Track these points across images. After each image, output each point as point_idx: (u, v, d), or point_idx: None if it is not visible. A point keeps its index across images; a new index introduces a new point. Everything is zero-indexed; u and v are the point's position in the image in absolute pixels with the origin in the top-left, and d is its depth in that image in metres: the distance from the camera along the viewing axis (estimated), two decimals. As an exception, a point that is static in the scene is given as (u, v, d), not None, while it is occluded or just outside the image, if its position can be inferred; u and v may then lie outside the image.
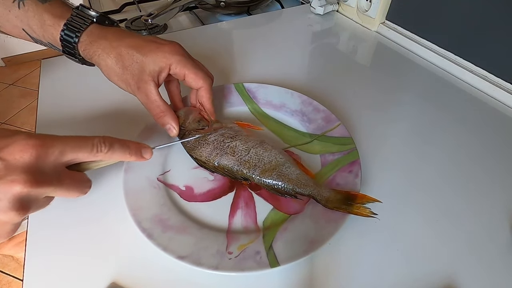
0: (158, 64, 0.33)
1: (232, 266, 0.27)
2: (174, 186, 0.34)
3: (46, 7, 0.34)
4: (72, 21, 0.34)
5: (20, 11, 0.34)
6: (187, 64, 0.34)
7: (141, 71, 0.33)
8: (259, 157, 0.33)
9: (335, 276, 0.28)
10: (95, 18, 0.35)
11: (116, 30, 0.35)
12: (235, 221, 0.31)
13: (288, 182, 0.32)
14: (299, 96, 0.43)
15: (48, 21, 0.34)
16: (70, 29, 0.34)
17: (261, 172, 0.32)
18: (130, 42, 0.34)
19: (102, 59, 0.34)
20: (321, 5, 0.65)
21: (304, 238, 0.29)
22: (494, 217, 0.33)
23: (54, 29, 0.34)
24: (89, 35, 0.34)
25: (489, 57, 0.47)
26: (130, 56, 0.33)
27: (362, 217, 0.29)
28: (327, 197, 0.31)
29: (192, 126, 0.36)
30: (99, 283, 0.28)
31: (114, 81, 0.35)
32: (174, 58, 0.34)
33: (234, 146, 0.34)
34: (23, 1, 0.34)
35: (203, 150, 0.34)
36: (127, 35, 0.35)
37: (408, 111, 0.45)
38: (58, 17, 0.34)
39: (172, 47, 0.34)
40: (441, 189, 0.35)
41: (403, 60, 0.55)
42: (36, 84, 0.76)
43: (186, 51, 0.36)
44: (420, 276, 0.28)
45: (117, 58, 0.33)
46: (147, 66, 0.33)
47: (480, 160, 0.38)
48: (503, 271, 0.29)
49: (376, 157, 0.38)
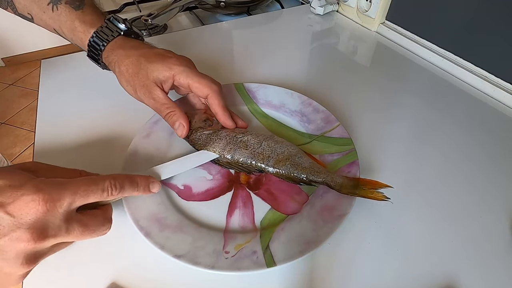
0: (162, 73, 0.35)
1: (228, 265, 0.27)
2: (172, 185, 0.34)
3: (79, 14, 0.37)
4: (102, 31, 0.37)
5: (53, 13, 0.37)
6: (190, 74, 0.35)
7: (146, 77, 0.35)
8: (272, 148, 0.34)
9: (335, 276, 0.28)
10: (123, 31, 0.38)
11: (136, 42, 0.38)
12: (233, 221, 0.31)
13: (302, 171, 0.33)
14: (299, 96, 0.43)
15: (79, 28, 0.37)
16: (99, 38, 0.37)
17: (275, 163, 0.33)
18: (142, 52, 0.36)
19: (117, 66, 0.36)
20: (321, 5, 0.65)
21: (301, 238, 0.28)
22: (494, 217, 0.32)
23: (83, 35, 0.37)
24: (112, 44, 0.37)
25: (489, 57, 0.47)
26: (138, 63, 0.35)
27: (376, 200, 0.30)
28: (341, 183, 0.31)
29: (198, 125, 0.37)
30: (99, 283, 0.27)
31: (124, 86, 0.37)
32: (177, 68, 0.35)
33: (247, 140, 0.35)
34: (56, 5, 0.37)
35: (215, 146, 0.35)
36: (143, 46, 0.37)
37: (408, 111, 0.45)
38: (89, 25, 0.37)
39: (177, 59, 0.36)
40: (441, 189, 0.35)
41: (403, 60, 0.55)
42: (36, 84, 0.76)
43: (193, 63, 0.37)
44: (420, 276, 0.28)
45: (128, 65, 0.36)
46: (151, 73, 0.35)
47: (480, 160, 0.38)
48: (503, 271, 0.29)
49: (376, 157, 0.38)
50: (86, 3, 0.38)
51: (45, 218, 0.22)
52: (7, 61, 2.12)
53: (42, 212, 0.22)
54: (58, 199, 0.23)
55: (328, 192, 0.33)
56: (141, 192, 0.29)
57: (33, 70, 2.10)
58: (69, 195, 0.23)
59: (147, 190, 0.30)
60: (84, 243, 0.30)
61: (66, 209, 0.23)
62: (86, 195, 0.24)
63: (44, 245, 0.23)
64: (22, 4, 0.38)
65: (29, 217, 0.22)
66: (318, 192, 0.33)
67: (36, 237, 0.22)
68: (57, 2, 0.37)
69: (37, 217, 0.22)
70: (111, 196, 0.26)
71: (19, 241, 0.21)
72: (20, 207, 0.22)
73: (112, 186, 0.26)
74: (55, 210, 0.23)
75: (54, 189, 0.23)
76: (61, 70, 0.51)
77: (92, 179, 0.25)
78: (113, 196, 0.26)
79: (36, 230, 0.22)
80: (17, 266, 0.22)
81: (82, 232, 0.24)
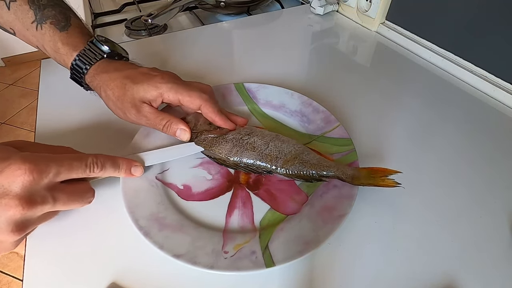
0: (149, 93, 0.34)
1: (227, 265, 0.27)
2: (172, 184, 0.34)
3: (63, 35, 0.36)
4: (84, 54, 0.36)
5: (37, 32, 0.36)
6: (178, 89, 0.35)
7: (133, 98, 0.34)
8: (279, 148, 0.34)
9: (335, 276, 0.28)
10: (106, 53, 0.37)
11: (120, 64, 0.37)
12: (232, 221, 0.31)
13: (311, 168, 0.33)
14: (299, 96, 0.43)
15: (61, 50, 0.36)
16: (81, 61, 0.36)
17: (283, 163, 0.33)
18: (127, 73, 0.35)
19: (102, 91, 0.36)
20: (321, 5, 0.65)
21: (300, 238, 0.28)
22: (494, 217, 0.32)
23: (66, 57, 0.37)
24: (95, 68, 0.36)
25: (489, 57, 0.47)
26: (123, 85, 0.34)
27: (388, 187, 0.30)
28: (352, 175, 0.31)
29: (204, 127, 0.37)
30: (99, 283, 0.27)
31: (112, 109, 0.37)
32: (165, 86, 0.34)
33: (253, 142, 0.35)
34: (41, 25, 0.36)
35: (221, 148, 0.35)
36: (127, 67, 0.37)
37: (408, 112, 0.45)
38: (72, 47, 0.36)
39: (163, 77, 0.35)
40: (441, 189, 0.35)
41: (403, 60, 0.55)
42: (36, 84, 0.76)
43: (179, 77, 0.37)
44: (420, 276, 0.28)
45: (113, 89, 0.35)
46: (138, 93, 0.34)
47: (480, 160, 0.38)
48: (503, 271, 0.29)
49: (375, 157, 0.38)
50: (72, 23, 0.37)
51: (32, 187, 0.24)
52: (7, 61, 2.12)
53: (28, 181, 0.23)
54: (44, 170, 0.24)
55: (327, 193, 0.33)
56: (123, 174, 0.31)
57: (33, 70, 2.10)
58: (54, 167, 0.25)
59: (129, 173, 0.32)
60: (84, 243, 0.30)
61: (51, 179, 0.25)
62: (70, 168, 0.26)
63: (32, 213, 0.24)
64: (5, 19, 0.37)
65: (15, 185, 0.23)
66: (318, 192, 0.33)
67: (24, 204, 0.23)
68: (42, 21, 0.36)
69: (23, 185, 0.23)
70: (92, 173, 0.28)
71: (7, 207, 0.23)
72: (7, 176, 0.23)
73: (94, 164, 0.28)
74: (41, 180, 0.24)
75: (40, 161, 0.25)
76: (61, 70, 0.51)
77: (76, 156, 0.28)
78: (94, 173, 0.28)
79: (23, 197, 0.23)
80: (7, 233, 0.23)
81: (67, 199, 0.26)
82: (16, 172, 0.23)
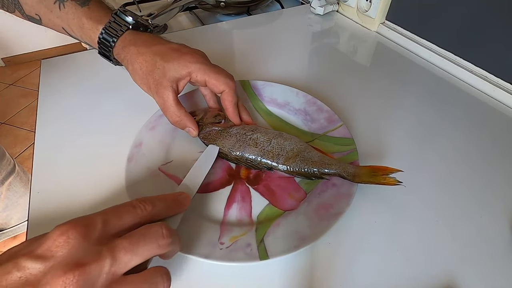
0: (178, 72, 0.35)
1: (222, 256, 0.27)
2: (174, 176, 0.35)
3: (85, 11, 0.37)
4: (110, 27, 0.37)
5: (60, 12, 0.37)
6: (206, 70, 0.35)
7: (162, 76, 0.35)
8: (281, 146, 0.35)
9: (334, 276, 0.28)
10: (131, 25, 0.37)
11: (147, 37, 0.37)
12: (230, 214, 0.32)
13: (313, 165, 0.33)
14: (304, 95, 0.43)
15: (86, 25, 0.37)
16: (108, 34, 0.36)
17: (285, 160, 0.34)
18: (156, 49, 0.35)
19: (130, 64, 0.36)
20: (321, 5, 0.66)
21: (295, 234, 0.29)
22: (494, 217, 0.32)
23: (92, 32, 0.37)
24: (123, 40, 0.37)
25: (489, 57, 0.47)
26: (154, 62, 0.35)
27: (389, 186, 0.30)
28: (353, 172, 0.32)
29: (209, 120, 0.38)
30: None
31: (138, 83, 0.37)
32: (194, 66, 0.35)
33: (256, 138, 0.36)
34: (63, 3, 0.37)
35: (225, 142, 0.36)
36: (156, 42, 0.37)
37: (407, 112, 0.45)
38: (96, 21, 0.37)
39: (193, 56, 0.36)
40: (441, 189, 0.35)
41: (403, 60, 0.55)
42: (36, 84, 0.76)
43: (208, 58, 0.37)
44: (420, 276, 0.28)
45: (141, 63, 0.35)
46: (168, 72, 0.34)
47: (480, 160, 0.38)
48: (503, 271, 0.29)
49: (376, 157, 0.38)
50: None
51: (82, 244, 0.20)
52: (7, 61, 2.12)
53: (75, 237, 0.20)
54: (89, 223, 0.21)
55: (326, 191, 0.33)
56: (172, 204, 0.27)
57: (33, 70, 2.10)
58: (100, 216, 0.22)
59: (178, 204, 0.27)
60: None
61: (102, 230, 0.21)
62: (117, 214, 0.22)
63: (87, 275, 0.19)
64: (29, 5, 0.38)
65: (62, 250, 0.19)
66: (317, 190, 0.33)
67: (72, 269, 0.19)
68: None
69: (73, 244, 0.19)
70: (145, 211, 0.23)
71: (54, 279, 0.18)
72: (50, 244, 0.20)
73: (141, 202, 0.24)
74: (90, 233, 0.20)
75: (80, 217, 0.21)
76: (61, 70, 0.51)
77: (117, 205, 0.23)
78: (147, 211, 0.23)
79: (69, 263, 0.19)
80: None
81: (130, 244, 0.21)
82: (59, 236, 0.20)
